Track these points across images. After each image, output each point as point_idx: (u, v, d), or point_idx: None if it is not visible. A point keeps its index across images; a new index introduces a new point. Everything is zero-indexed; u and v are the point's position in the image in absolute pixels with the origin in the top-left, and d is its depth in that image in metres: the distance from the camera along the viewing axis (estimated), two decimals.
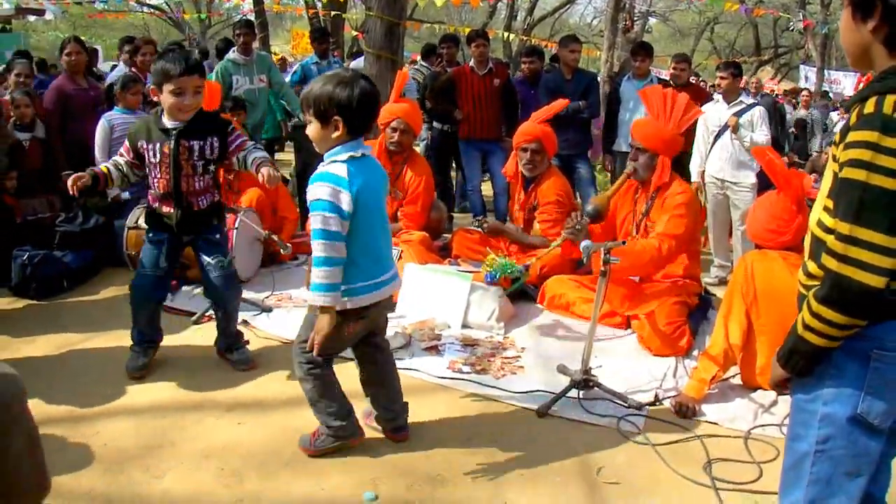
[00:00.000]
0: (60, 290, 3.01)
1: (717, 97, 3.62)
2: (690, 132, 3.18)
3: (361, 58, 4.89)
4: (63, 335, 2.56)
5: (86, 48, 3.59)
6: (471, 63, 4.30)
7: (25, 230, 3.11)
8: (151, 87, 2.04)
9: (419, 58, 5.50)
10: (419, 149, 4.77)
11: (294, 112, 4.59)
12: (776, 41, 18.29)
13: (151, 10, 16.86)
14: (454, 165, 5.06)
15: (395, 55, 4.10)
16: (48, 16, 8.28)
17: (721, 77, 3.49)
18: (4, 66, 4.96)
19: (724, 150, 3.51)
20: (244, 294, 2.89)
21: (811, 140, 7.04)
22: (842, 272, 0.93)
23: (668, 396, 2.23)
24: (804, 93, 7.84)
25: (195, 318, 2.81)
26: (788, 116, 7.18)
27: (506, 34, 12.56)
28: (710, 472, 1.81)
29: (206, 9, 16.92)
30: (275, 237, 2.90)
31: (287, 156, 5.95)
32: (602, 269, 2.17)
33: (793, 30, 14.71)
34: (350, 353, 1.93)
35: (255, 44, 4.51)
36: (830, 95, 10.09)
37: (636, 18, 8.16)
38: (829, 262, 0.95)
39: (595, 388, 2.18)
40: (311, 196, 1.55)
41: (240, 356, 2.37)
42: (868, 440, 0.99)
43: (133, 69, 4.07)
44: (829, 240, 0.96)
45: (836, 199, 0.96)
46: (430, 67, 5.21)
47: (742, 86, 4.02)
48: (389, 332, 2.46)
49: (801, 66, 13.68)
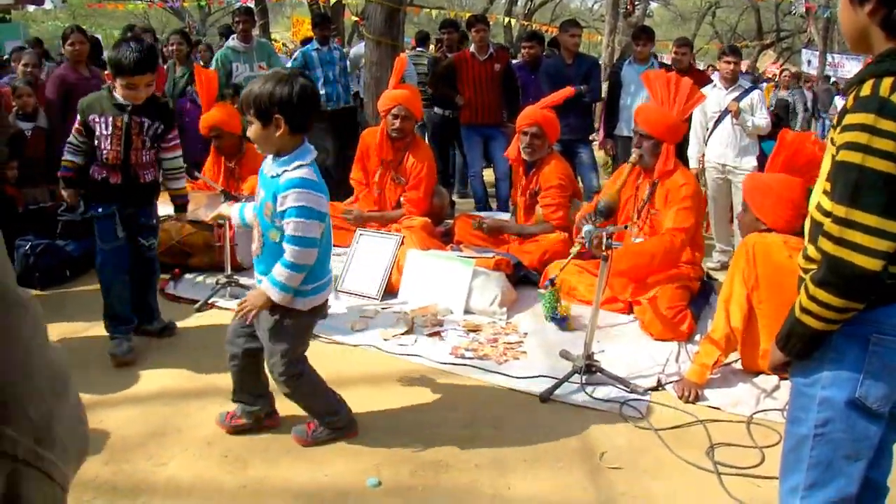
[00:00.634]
0: (63, 280, 3.01)
1: (716, 81, 3.59)
2: (687, 118, 3.14)
3: (362, 43, 4.87)
4: (67, 324, 2.55)
5: (88, 37, 3.60)
6: (471, 48, 4.29)
7: (28, 220, 3.11)
8: (107, 72, 2.09)
9: (416, 43, 5.47)
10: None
11: None
12: (778, 25, 18.15)
13: (151, 0, 16.74)
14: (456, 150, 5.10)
15: (396, 41, 4.07)
16: (47, 5, 8.19)
17: (729, 62, 3.48)
18: (6, 56, 4.93)
19: (726, 136, 3.51)
20: (244, 281, 2.93)
21: (792, 121, 7.02)
22: (838, 255, 0.93)
23: (671, 381, 2.22)
24: (785, 73, 7.78)
25: (198, 306, 2.81)
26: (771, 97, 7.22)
27: (506, 19, 12.40)
28: (713, 457, 1.81)
29: None
30: None
31: None
32: (603, 255, 2.15)
33: (795, 13, 14.57)
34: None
35: (255, 31, 4.53)
36: (833, 80, 9.96)
37: (637, 3, 8.09)
38: (826, 245, 0.95)
39: (598, 374, 2.18)
40: (296, 202, 1.53)
41: (160, 324, 2.46)
42: (867, 424, 0.99)
43: None
44: (826, 223, 0.96)
45: (833, 182, 0.95)
46: (424, 52, 5.26)
47: (741, 70, 4.03)
48: (392, 319, 2.67)
49: (804, 51, 13.59)
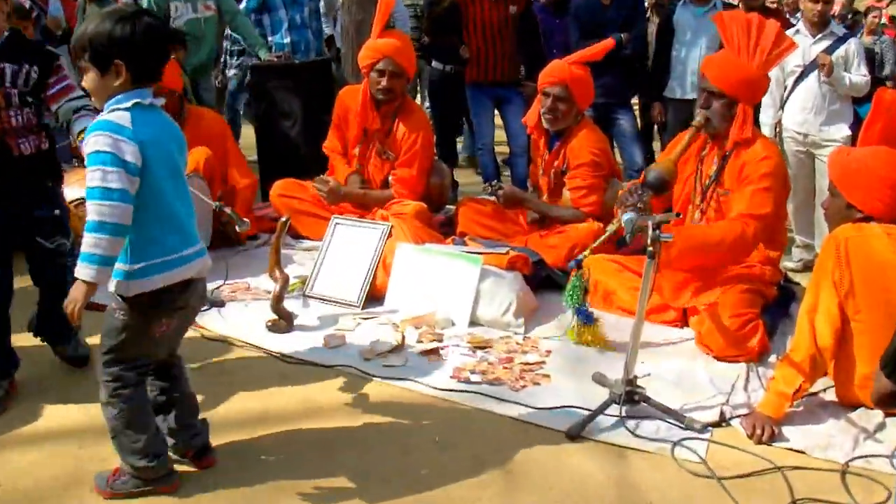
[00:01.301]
0: None
1: (798, 26, 3.49)
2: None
3: None
4: None
5: None
6: None
7: None
8: None
9: None
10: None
11: (251, 49, 4.54)
12: None
13: None
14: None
15: None
16: None
17: (817, 1, 3.30)
18: None
19: (810, 97, 3.41)
20: None
21: (880, 73, 6.88)
22: None
23: (738, 415, 2.19)
24: (873, 14, 7.48)
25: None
26: None
27: None
28: None
29: None
30: (227, 210, 2.86)
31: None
32: (649, 250, 2.10)
33: None
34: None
35: None
36: None
37: None
38: None
39: (642, 404, 2.17)
40: (87, 149, 1.54)
41: (77, 350, 2.28)
42: None
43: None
44: None
45: None
46: None
47: (833, 12, 3.92)
48: (377, 332, 2.70)
49: None
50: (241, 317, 2.84)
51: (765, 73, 2.61)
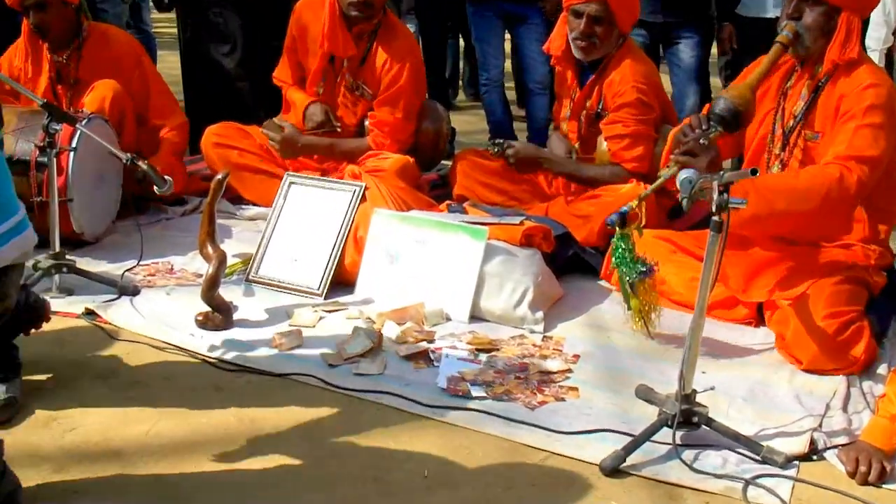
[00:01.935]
0: None
1: None
2: None
3: None
4: None
5: None
6: None
7: None
8: None
9: None
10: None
11: None
12: None
13: None
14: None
15: None
16: None
17: None
18: None
19: None
20: (86, 264, 3.01)
21: None
22: None
23: (835, 445, 2.17)
24: None
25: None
26: None
27: None
28: None
29: None
30: (143, 164, 2.81)
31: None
32: (714, 220, 2.05)
33: None
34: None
35: None
36: None
37: None
38: None
39: (703, 428, 2.14)
40: None
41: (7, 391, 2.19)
42: None
43: None
44: None
45: None
46: None
47: None
48: (345, 330, 2.69)
49: None
50: (162, 309, 2.84)
51: None
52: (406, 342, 2.64)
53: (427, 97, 3.79)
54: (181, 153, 3.77)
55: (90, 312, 2.75)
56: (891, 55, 3.57)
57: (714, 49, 4.51)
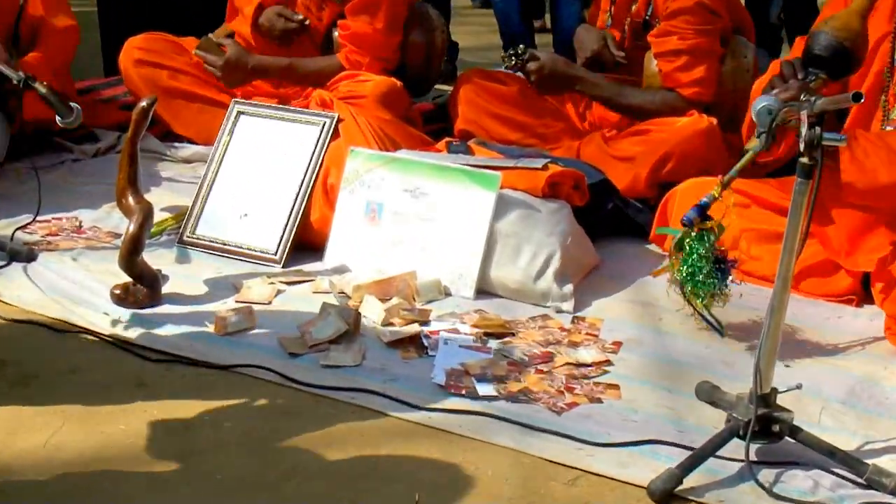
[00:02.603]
0: None
1: None
2: None
3: None
4: None
5: None
6: None
7: None
8: None
9: None
10: None
11: None
12: None
13: None
14: None
15: None
16: None
17: None
18: None
19: None
20: None
21: None
22: None
23: None
24: None
25: None
26: None
27: None
28: None
29: None
30: (41, 87, 2.79)
31: None
32: (802, 162, 2.03)
33: None
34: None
35: None
36: None
37: None
38: None
39: (786, 440, 2.13)
40: None
41: None
42: None
43: None
44: None
45: None
46: None
47: None
48: (311, 307, 2.70)
49: None
50: (66, 280, 2.84)
51: None
52: (391, 324, 2.65)
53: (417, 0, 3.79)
54: (68, 57, 3.73)
55: None
56: None
57: None
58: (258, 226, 3.04)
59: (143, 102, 2.73)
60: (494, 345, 2.58)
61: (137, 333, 2.59)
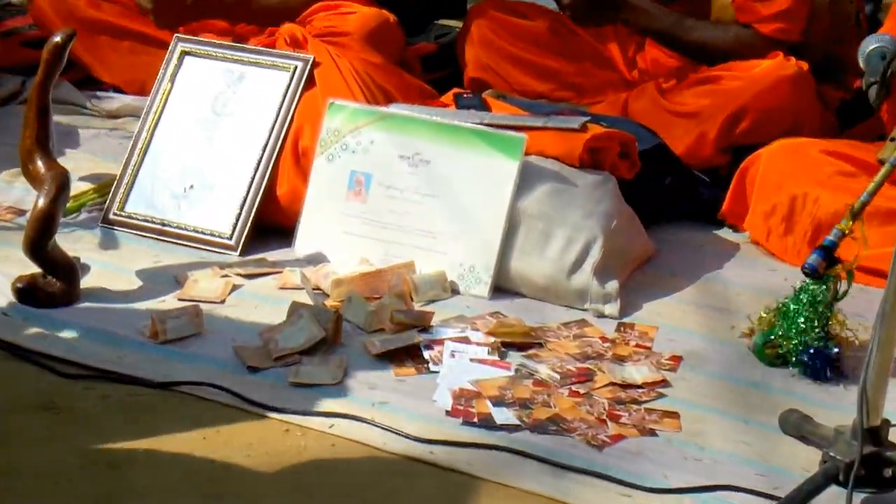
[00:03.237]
0: None
1: None
2: None
3: None
4: None
5: None
6: None
7: None
8: None
9: None
10: None
11: None
12: None
13: None
14: None
15: None
16: None
17: None
18: None
19: None
20: None
21: None
22: None
23: None
24: None
25: None
26: None
27: None
28: None
29: None
30: None
31: None
32: None
33: None
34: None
35: None
36: None
37: None
38: None
39: None
40: None
41: None
42: None
43: None
44: None
45: None
46: None
47: None
48: (276, 307, 2.76)
49: None
50: None
51: None
52: (382, 330, 2.65)
53: None
54: None
55: None
56: None
57: None
58: (208, 201, 3.03)
59: (56, 38, 2.72)
60: (516, 358, 2.58)
61: (47, 341, 2.58)
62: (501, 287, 2.84)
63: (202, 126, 3.12)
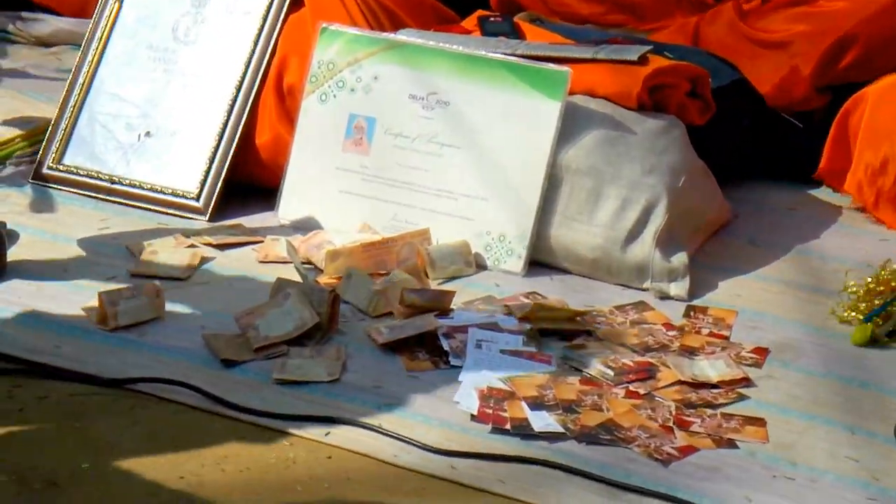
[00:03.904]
0: None
1: None
2: None
3: None
4: None
5: None
6: None
7: None
8: None
9: None
10: None
11: None
12: None
13: None
14: None
15: None
16: None
17: None
18: None
19: None
20: None
21: None
22: None
23: None
24: None
25: None
26: None
27: None
28: None
29: None
30: None
31: None
32: None
33: None
34: None
35: None
36: None
37: None
38: None
39: None
40: None
41: None
42: None
43: None
44: None
45: None
46: None
47: None
48: (250, 275, 2.87)
49: None
50: None
51: None
52: (389, 315, 2.67)
53: None
54: None
55: None
56: None
57: None
58: (168, 152, 3.05)
59: None
60: (558, 350, 2.60)
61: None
62: (539, 261, 2.86)
63: (160, 57, 3.12)
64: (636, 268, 2.81)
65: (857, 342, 2.73)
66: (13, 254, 2.78)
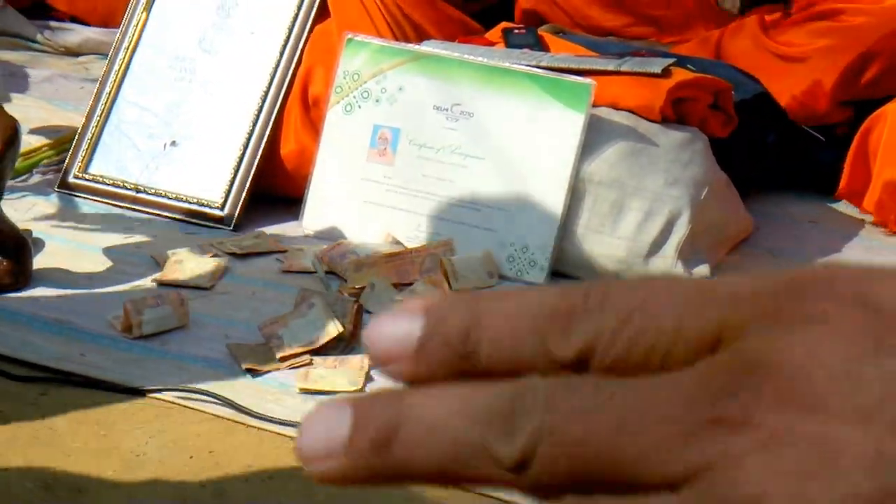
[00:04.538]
0: None
1: None
2: None
3: None
4: None
5: None
6: None
7: None
8: None
9: None
10: None
11: None
12: None
13: None
14: None
15: None
16: None
17: None
18: None
19: None
20: None
21: None
22: None
23: None
24: None
25: None
26: None
27: None
28: None
29: None
30: None
31: None
32: None
33: None
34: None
35: None
36: None
37: None
38: None
39: None
40: None
41: None
42: None
43: None
44: None
45: None
46: None
47: None
48: (273, 286, 2.86)
49: None
50: None
51: None
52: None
53: None
54: None
55: None
56: None
57: None
58: (193, 162, 3.04)
59: None
60: None
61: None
62: (562, 272, 2.84)
63: (186, 67, 3.12)
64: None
65: None
66: (39, 262, 2.77)
